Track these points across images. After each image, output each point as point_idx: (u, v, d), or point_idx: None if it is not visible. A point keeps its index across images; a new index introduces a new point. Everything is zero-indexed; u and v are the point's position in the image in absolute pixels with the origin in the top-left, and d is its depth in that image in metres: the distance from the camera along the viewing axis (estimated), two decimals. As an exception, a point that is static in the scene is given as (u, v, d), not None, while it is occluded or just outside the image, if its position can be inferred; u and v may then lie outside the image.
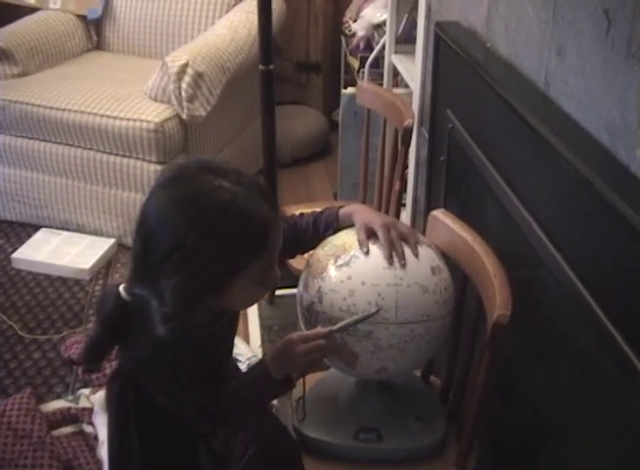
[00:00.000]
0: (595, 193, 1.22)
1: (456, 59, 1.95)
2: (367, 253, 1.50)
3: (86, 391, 2.41)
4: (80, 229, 3.40)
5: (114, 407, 1.68)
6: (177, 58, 3.11)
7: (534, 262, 1.51)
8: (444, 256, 1.61)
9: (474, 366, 1.56)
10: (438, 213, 1.70)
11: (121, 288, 1.41)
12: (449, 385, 1.77)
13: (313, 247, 1.64)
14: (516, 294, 1.41)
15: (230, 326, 1.62)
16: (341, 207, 1.65)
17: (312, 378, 1.83)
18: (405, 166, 2.38)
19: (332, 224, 1.63)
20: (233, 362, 1.84)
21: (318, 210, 1.69)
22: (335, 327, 1.46)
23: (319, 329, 1.47)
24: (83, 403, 2.36)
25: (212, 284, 1.32)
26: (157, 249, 1.28)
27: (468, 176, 1.95)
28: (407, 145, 2.28)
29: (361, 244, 1.51)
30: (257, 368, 1.51)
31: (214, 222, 1.27)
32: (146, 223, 1.31)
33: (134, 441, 1.63)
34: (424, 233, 1.73)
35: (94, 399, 2.33)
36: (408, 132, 2.24)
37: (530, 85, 1.63)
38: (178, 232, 1.26)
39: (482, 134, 1.83)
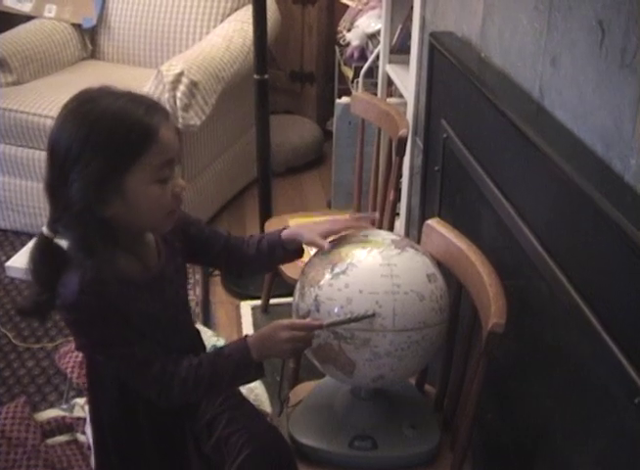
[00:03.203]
0: (589, 202, 1.23)
1: (451, 69, 1.96)
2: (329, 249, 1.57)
3: (80, 400, 2.40)
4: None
5: (89, 416, 1.68)
6: (172, 67, 3.11)
7: (529, 271, 1.52)
8: (439, 264, 1.62)
9: (468, 375, 1.57)
10: (433, 223, 1.71)
11: (43, 227, 1.43)
12: (444, 393, 1.77)
13: (260, 269, 1.79)
14: (511, 302, 1.42)
15: (174, 284, 1.57)
16: (283, 228, 1.70)
17: (307, 386, 1.84)
18: (399, 176, 2.38)
19: (275, 245, 1.67)
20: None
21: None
22: (326, 322, 1.47)
23: (310, 321, 1.49)
24: (77, 413, 2.36)
25: (109, 173, 1.36)
26: (57, 153, 1.37)
27: (462, 186, 1.95)
28: (401, 155, 2.29)
29: (323, 245, 1.58)
30: (238, 344, 1.49)
31: (97, 119, 1.36)
32: (49, 139, 1.40)
33: (111, 448, 1.63)
34: (418, 242, 1.74)
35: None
36: (402, 142, 2.25)
37: (525, 95, 1.64)
38: (70, 133, 1.36)
39: (477, 144, 1.83)
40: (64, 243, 1.43)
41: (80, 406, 2.37)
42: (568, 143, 1.43)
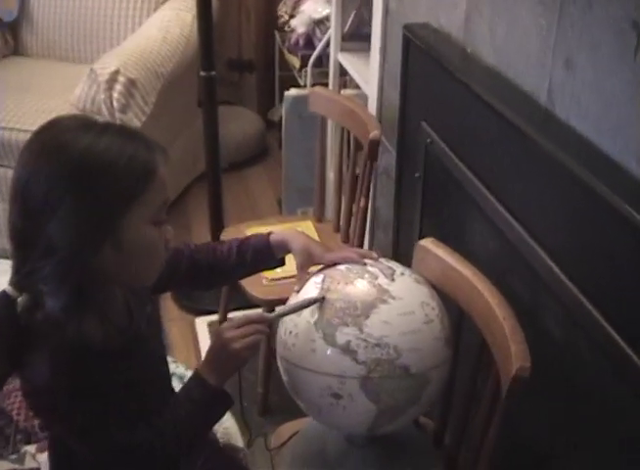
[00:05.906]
0: (622, 222, 1.09)
1: (431, 65, 1.79)
2: (298, 291, 1.44)
3: (31, 447, 2.19)
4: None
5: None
6: (107, 64, 2.87)
7: (538, 294, 1.41)
8: (436, 289, 1.46)
9: (480, 417, 1.41)
10: (428, 243, 1.55)
11: (7, 286, 1.25)
12: (443, 428, 1.62)
13: (238, 278, 1.66)
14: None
15: (149, 341, 1.42)
16: (269, 233, 1.58)
17: (291, 426, 1.71)
18: (370, 181, 2.21)
19: (262, 252, 1.56)
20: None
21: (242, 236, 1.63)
22: (273, 314, 1.41)
23: (250, 314, 1.39)
24: (29, 463, 2.15)
25: (101, 219, 1.20)
26: (30, 198, 1.19)
27: (450, 195, 1.80)
28: (373, 159, 2.12)
29: (299, 278, 1.47)
30: (191, 381, 1.35)
31: (83, 157, 1.19)
32: (15, 181, 1.21)
33: None
34: (410, 265, 1.56)
35: (41, 458, 2.12)
36: (374, 145, 2.08)
37: (528, 98, 1.48)
38: (47, 174, 1.18)
39: (469, 150, 1.68)
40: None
41: (31, 455, 2.16)
42: (588, 154, 1.28)
